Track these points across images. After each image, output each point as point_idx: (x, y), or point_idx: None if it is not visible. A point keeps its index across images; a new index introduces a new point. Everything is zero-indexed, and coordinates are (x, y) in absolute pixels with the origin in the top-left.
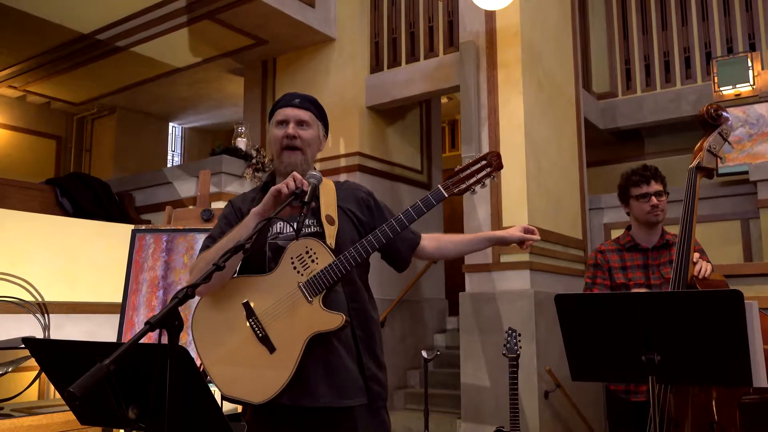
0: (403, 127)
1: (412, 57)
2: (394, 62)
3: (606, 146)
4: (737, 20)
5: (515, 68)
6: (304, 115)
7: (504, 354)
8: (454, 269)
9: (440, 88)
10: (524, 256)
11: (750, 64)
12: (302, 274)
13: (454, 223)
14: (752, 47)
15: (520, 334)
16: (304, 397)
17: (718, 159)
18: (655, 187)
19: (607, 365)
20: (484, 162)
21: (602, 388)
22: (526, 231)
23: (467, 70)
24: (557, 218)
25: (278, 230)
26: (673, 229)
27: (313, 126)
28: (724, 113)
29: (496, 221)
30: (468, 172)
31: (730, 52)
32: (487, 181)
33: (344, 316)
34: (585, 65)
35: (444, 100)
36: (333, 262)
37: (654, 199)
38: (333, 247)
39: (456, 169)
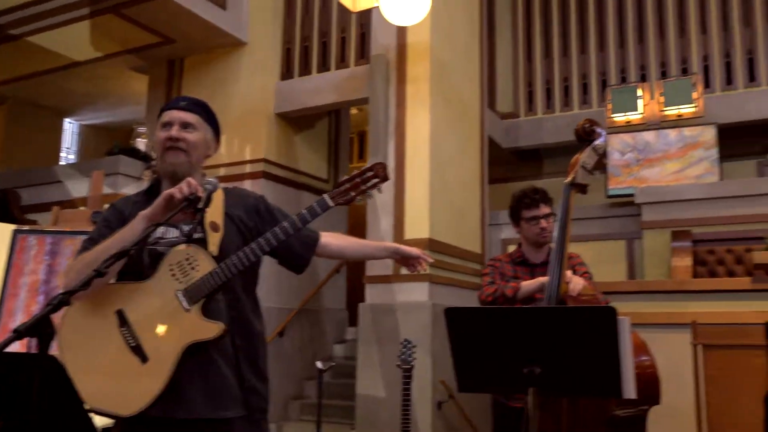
0: (311, 135)
1: (323, 66)
2: (305, 70)
3: (507, 164)
4: (630, 52)
5: (424, 84)
6: (190, 117)
7: (398, 365)
8: (356, 280)
9: (350, 99)
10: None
11: (640, 93)
12: (181, 282)
13: (357, 233)
14: (643, 78)
15: (415, 346)
16: (178, 408)
17: (592, 174)
18: (544, 210)
19: (491, 377)
20: (370, 173)
21: (490, 396)
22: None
23: (377, 83)
24: (458, 232)
25: (159, 235)
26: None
27: (200, 129)
28: (598, 129)
29: (399, 233)
30: (354, 182)
31: (623, 81)
32: (373, 192)
33: (223, 326)
34: (491, 85)
35: (354, 111)
36: (213, 270)
37: (543, 222)
38: (216, 254)
39: (342, 180)
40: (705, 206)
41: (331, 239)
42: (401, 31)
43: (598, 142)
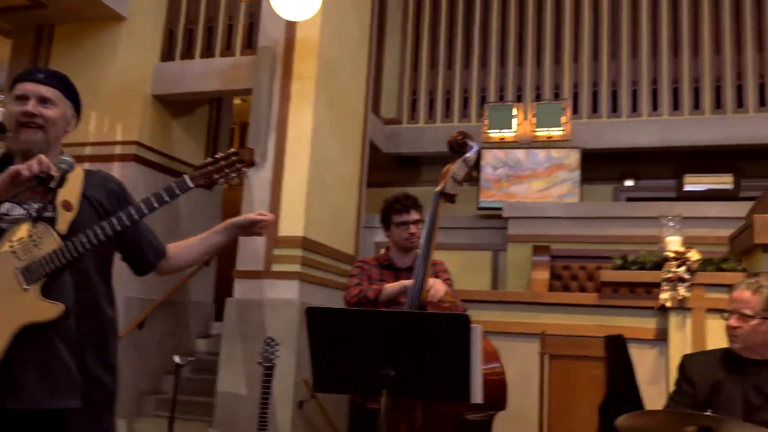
0: (189, 121)
1: (208, 52)
2: (188, 54)
3: (387, 169)
4: (509, 72)
5: (309, 81)
6: (48, 92)
7: (260, 362)
8: (226, 273)
9: (233, 88)
10: (295, 267)
11: (515, 113)
12: (21, 260)
13: None
14: (519, 98)
15: (278, 344)
16: (8, 397)
17: (461, 185)
18: (414, 216)
19: (347, 378)
20: (235, 157)
21: (348, 397)
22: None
23: (262, 76)
24: (333, 233)
25: (5, 212)
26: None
27: (59, 105)
28: (470, 142)
29: (273, 229)
30: (218, 165)
31: (501, 100)
32: (236, 176)
33: (62, 307)
34: (376, 90)
35: (237, 100)
36: (57, 248)
37: (412, 228)
38: (64, 233)
39: (206, 161)
40: (565, 224)
41: (174, 250)
42: (290, 26)
43: (468, 154)
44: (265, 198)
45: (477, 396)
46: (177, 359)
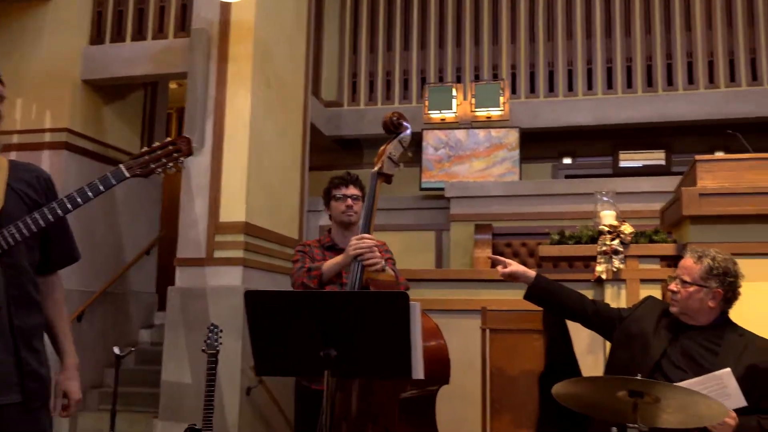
0: (123, 107)
1: (139, 35)
2: (118, 37)
3: (329, 152)
4: (448, 54)
5: (246, 64)
6: None
7: (203, 350)
8: (168, 262)
9: (167, 72)
10: (238, 252)
11: (455, 93)
12: None
13: (170, 215)
14: (458, 79)
15: (221, 330)
16: None
17: (397, 166)
18: (352, 190)
19: (289, 360)
20: (172, 146)
21: (294, 380)
22: None
23: (197, 59)
24: (275, 217)
25: None
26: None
27: None
28: (405, 123)
29: (214, 215)
30: (155, 154)
31: (440, 81)
32: (173, 166)
33: None
34: (316, 73)
35: (173, 85)
36: None
37: (349, 201)
38: None
39: (142, 151)
40: (505, 203)
41: (50, 293)
42: (225, 7)
43: (404, 135)
44: (205, 184)
45: (418, 372)
46: (116, 350)
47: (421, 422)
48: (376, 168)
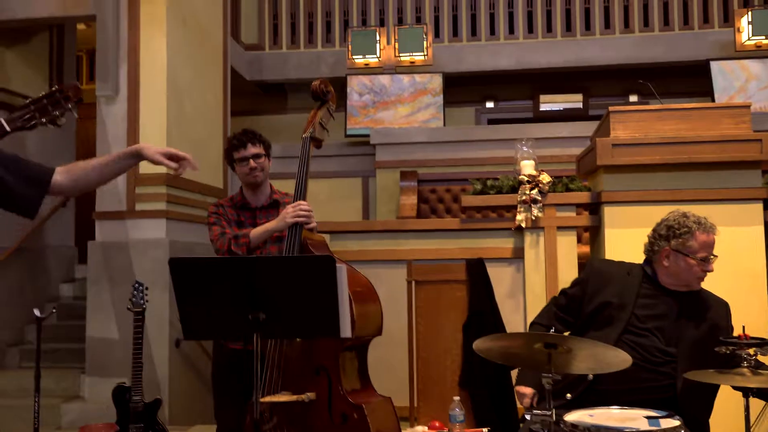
0: (26, 51)
1: None
2: None
3: (251, 97)
4: None
5: (160, 4)
6: None
7: (129, 308)
8: (86, 215)
9: (72, 14)
10: (161, 205)
11: (378, 38)
12: None
13: None
14: (381, 23)
15: (146, 288)
16: None
17: (326, 131)
18: (252, 150)
19: (217, 325)
20: (60, 94)
21: None
22: (170, 157)
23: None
24: (198, 166)
25: None
26: (286, 186)
27: None
28: (332, 91)
29: (133, 167)
30: (39, 104)
31: (363, 24)
32: (61, 115)
33: None
34: (234, 15)
35: (81, 26)
36: None
37: (252, 162)
38: None
39: (27, 102)
40: (430, 149)
41: (62, 176)
42: None
43: (331, 102)
44: (121, 134)
45: (346, 331)
46: (37, 312)
47: (358, 369)
48: (307, 133)
